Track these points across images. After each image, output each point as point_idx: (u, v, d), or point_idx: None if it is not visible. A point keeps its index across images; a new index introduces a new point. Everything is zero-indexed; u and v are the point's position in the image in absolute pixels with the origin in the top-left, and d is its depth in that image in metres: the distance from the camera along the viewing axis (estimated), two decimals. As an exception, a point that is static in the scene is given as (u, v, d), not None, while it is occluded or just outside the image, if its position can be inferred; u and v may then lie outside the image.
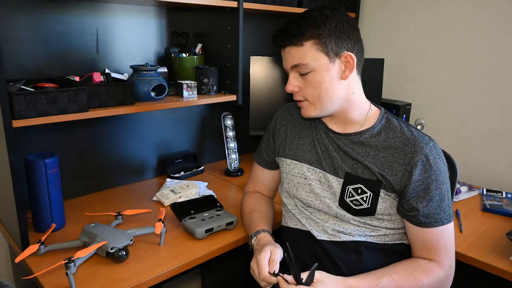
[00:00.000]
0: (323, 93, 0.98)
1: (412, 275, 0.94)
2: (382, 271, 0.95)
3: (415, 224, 0.97)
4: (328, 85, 0.97)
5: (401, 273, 0.94)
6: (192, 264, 1.11)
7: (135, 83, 1.34)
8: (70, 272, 0.95)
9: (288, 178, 1.13)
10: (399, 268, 0.96)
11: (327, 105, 1.00)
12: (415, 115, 1.98)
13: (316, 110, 1.01)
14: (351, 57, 0.97)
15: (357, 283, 0.92)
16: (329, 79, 0.97)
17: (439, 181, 0.95)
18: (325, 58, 0.95)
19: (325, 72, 0.96)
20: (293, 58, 0.98)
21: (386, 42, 2.05)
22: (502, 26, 1.66)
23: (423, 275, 0.94)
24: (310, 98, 1.00)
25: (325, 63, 0.96)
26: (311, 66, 0.96)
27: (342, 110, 1.03)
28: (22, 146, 1.32)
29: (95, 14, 1.40)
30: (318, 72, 0.96)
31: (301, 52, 0.96)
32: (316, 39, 0.94)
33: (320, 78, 0.96)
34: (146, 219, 1.32)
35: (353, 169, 1.01)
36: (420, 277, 0.94)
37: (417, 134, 0.98)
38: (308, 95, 1.00)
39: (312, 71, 0.96)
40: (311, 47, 0.95)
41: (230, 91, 1.61)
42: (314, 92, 0.98)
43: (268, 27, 1.95)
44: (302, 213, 1.10)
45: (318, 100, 0.99)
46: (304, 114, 1.04)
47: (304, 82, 0.99)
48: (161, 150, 1.72)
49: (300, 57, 0.96)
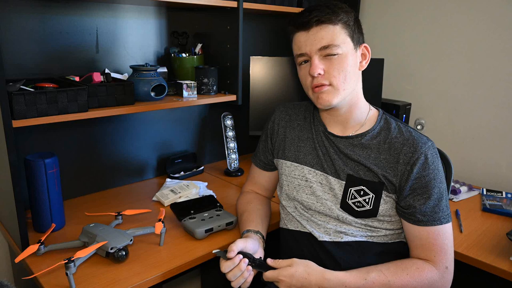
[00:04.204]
0: (347, 77, 0.97)
1: (404, 272, 0.93)
2: (373, 267, 0.95)
3: (412, 223, 0.97)
4: (352, 71, 0.98)
5: (393, 269, 0.94)
6: (192, 264, 1.11)
7: (135, 83, 1.34)
8: (70, 272, 0.95)
9: (288, 180, 1.12)
10: (391, 265, 0.96)
11: (347, 92, 0.99)
12: (415, 115, 1.98)
13: (339, 96, 0.98)
14: (367, 49, 1.01)
15: (342, 276, 0.92)
16: (354, 64, 0.99)
17: (437, 180, 0.95)
18: (351, 44, 0.98)
19: (351, 56, 0.98)
20: (323, 39, 0.95)
21: (386, 42, 2.05)
22: (502, 26, 1.66)
23: (416, 272, 0.93)
24: (335, 82, 0.97)
25: (351, 48, 0.98)
26: (341, 49, 0.96)
27: (347, 106, 1.03)
28: (22, 146, 1.32)
29: (95, 14, 1.40)
30: (345, 55, 0.97)
31: (332, 32, 0.95)
32: (346, 24, 0.96)
33: (348, 61, 0.97)
34: (146, 219, 1.32)
35: (355, 171, 1.01)
36: (412, 274, 0.93)
37: (415, 134, 0.99)
38: (334, 77, 0.96)
39: (341, 53, 0.96)
40: (342, 30, 0.96)
41: (230, 91, 1.61)
42: (341, 75, 0.96)
43: (268, 27, 1.95)
44: (302, 215, 1.09)
45: (343, 85, 0.97)
46: (324, 100, 0.98)
47: (330, 65, 0.96)
48: (161, 150, 1.72)
49: (332, 38, 0.95)
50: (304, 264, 0.94)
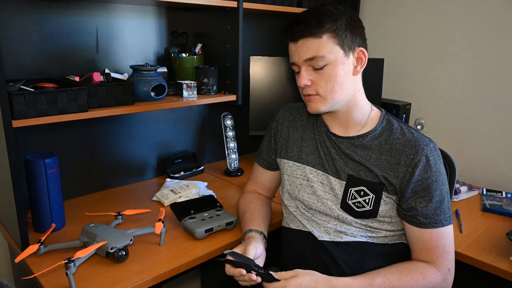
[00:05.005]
0: (336, 87, 0.97)
1: (408, 276, 0.93)
2: (377, 272, 0.95)
3: (414, 225, 0.97)
4: (342, 79, 0.97)
5: (397, 274, 0.94)
6: (192, 264, 1.11)
7: (135, 83, 1.34)
8: (70, 272, 0.95)
9: (290, 179, 1.12)
10: (395, 269, 0.96)
11: (337, 100, 0.99)
12: (415, 115, 1.98)
13: (327, 105, 1.00)
14: (363, 52, 0.98)
15: (349, 282, 0.92)
16: (344, 73, 0.97)
17: (439, 182, 0.95)
18: (341, 51, 0.95)
19: (341, 65, 0.96)
20: (309, 51, 0.95)
21: (386, 42, 2.05)
22: (502, 26, 1.66)
23: (420, 276, 0.93)
24: (322, 92, 0.98)
25: (341, 56, 0.96)
26: (327, 59, 0.95)
27: (346, 109, 1.02)
28: (22, 146, 1.32)
29: (95, 14, 1.40)
30: (334, 65, 0.95)
31: (318, 44, 0.94)
32: (333, 32, 0.94)
33: (336, 71, 0.96)
34: (146, 219, 1.32)
35: (355, 171, 1.01)
36: (416, 278, 0.93)
37: (417, 136, 0.98)
38: (321, 88, 0.98)
39: (328, 64, 0.95)
40: (328, 40, 0.94)
41: (230, 91, 1.61)
42: (328, 86, 0.97)
43: (268, 27, 1.95)
44: (303, 214, 1.10)
45: (331, 94, 0.98)
46: (312, 108, 1.01)
47: (318, 76, 0.97)
48: (161, 150, 1.72)
49: (317, 50, 0.94)
50: (309, 273, 0.93)
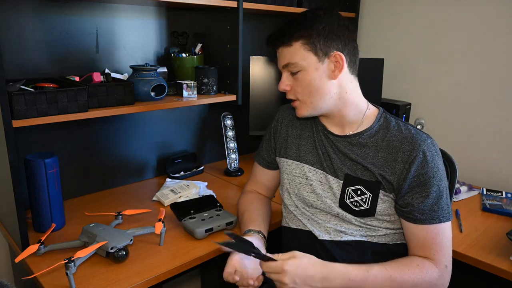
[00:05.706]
0: (312, 91, 1.00)
1: (406, 267, 0.93)
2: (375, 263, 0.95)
3: (411, 221, 0.96)
4: (317, 84, 0.99)
5: (395, 265, 0.94)
6: (192, 264, 1.11)
7: (135, 83, 1.34)
8: (70, 272, 0.95)
9: (290, 178, 1.13)
10: (393, 261, 0.95)
11: (318, 104, 1.01)
12: (415, 115, 1.98)
13: (309, 109, 1.03)
14: (340, 56, 0.98)
15: (346, 267, 0.91)
16: (319, 78, 0.99)
17: (437, 178, 0.95)
18: (314, 57, 0.98)
19: (314, 71, 0.98)
20: (284, 58, 1.01)
21: (386, 42, 2.05)
22: (502, 26, 1.66)
23: (417, 269, 0.93)
24: (300, 97, 1.02)
25: (314, 62, 0.98)
26: (300, 66, 0.98)
27: (337, 110, 1.03)
28: (22, 146, 1.32)
29: (95, 14, 1.40)
30: (307, 71, 0.99)
31: (290, 51, 0.99)
32: (305, 39, 0.97)
33: (309, 77, 0.99)
34: (146, 219, 1.32)
35: (352, 170, 1.01)
36: (413, 270, 0.92)
37: (414, 132, 0.98)
38: (299, 93, 1.02)
39: (302, 70, 0.99)
40: (300, 47, 0.98)
41: (230, 91, 1.61)
42: (304, 91, 1.01)
43: (268, 27, 1.95)
44: (303, 213, 1.10)
45: (309, 99, 1.01)
46: (298, 113, 1.06)
47: (295, 82, 1.02)
48: (161, 150, 1.73)
49: (290, 57, 0.99)
50: (307, 256, 0.92)
